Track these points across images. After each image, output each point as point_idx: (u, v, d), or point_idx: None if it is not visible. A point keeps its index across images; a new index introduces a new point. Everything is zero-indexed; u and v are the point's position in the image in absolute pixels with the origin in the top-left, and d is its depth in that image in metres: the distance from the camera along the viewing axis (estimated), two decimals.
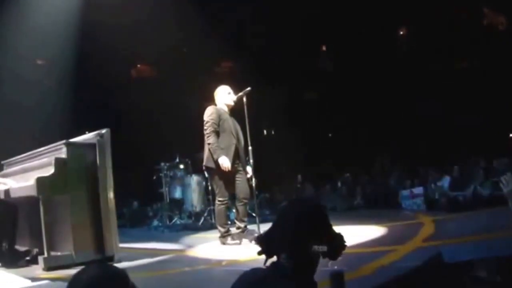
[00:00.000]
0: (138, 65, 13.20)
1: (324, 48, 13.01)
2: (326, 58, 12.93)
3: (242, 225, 5.92)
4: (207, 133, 5.82)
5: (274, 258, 1.74)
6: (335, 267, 1.76)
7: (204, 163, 5.98)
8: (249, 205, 6.31)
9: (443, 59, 10.56)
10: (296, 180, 12.20)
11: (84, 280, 1.44)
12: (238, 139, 5.97)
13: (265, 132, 13.03)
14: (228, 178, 5.85)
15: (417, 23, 10.84)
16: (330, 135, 11.58)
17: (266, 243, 1.75)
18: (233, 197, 6.32)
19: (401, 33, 11.93)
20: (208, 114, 5.89)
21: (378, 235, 5.77)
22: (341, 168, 11.61)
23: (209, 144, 5.80)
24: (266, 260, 1.73)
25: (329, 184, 11.27)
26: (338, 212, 9.61)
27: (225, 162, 5.67)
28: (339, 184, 11.15)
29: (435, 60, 10.66)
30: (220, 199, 5.88)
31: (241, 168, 5.92)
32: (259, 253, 1.77)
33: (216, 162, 5.73)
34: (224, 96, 6.10)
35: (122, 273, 1.50)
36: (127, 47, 10.73)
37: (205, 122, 5.87)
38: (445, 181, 8.75)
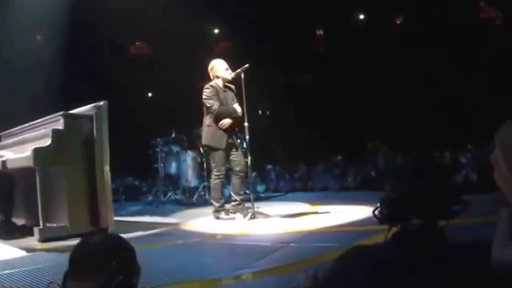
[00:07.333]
0: (137, 43, 13.15)
1: (319, 31, 12.93)
2: (321, 40, 12.87)
3: (238, 198, 5.98)
4: (209, 102, 5.86)
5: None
6: None
7: (203, 143, 6.08)
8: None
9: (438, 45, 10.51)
10: (289, 160, 12.25)
11: (93, 242, 1.51)
12: None
13: (260, 112, 13.02)
14: (226, 152, 5.91)
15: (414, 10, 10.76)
16: (324, 117, 11.52)
17: (396, 209, 1.59)
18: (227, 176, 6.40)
19: (398, 22, 11.85)
20: (205, 91, 5.94)
21: (369, 215, 5.83)
22: (334, 149, 11.65)
23: (214, 110, 5.83)
24: (389, 229, 1.58)
25: (322, 164, 11.32)
26: (329, 192, 9.70)
27: (237, 109, 5.85)
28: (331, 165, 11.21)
29: (431, 45, 10.61)
30: (217, 173, 5.93)
31: (238, 142, 5.99)
32: (382, 222, 1.62)
33: (214, 136, 5.83)
34: (222, 71, 6.07)
35: (128, 243, 1.55)
36: (127, 23, 10.62)
37: (203, 98, 5.92)
38: None
